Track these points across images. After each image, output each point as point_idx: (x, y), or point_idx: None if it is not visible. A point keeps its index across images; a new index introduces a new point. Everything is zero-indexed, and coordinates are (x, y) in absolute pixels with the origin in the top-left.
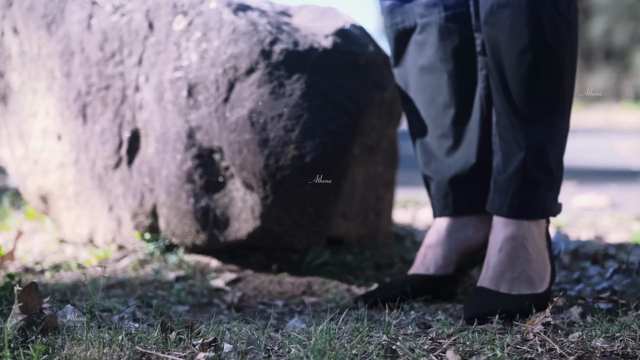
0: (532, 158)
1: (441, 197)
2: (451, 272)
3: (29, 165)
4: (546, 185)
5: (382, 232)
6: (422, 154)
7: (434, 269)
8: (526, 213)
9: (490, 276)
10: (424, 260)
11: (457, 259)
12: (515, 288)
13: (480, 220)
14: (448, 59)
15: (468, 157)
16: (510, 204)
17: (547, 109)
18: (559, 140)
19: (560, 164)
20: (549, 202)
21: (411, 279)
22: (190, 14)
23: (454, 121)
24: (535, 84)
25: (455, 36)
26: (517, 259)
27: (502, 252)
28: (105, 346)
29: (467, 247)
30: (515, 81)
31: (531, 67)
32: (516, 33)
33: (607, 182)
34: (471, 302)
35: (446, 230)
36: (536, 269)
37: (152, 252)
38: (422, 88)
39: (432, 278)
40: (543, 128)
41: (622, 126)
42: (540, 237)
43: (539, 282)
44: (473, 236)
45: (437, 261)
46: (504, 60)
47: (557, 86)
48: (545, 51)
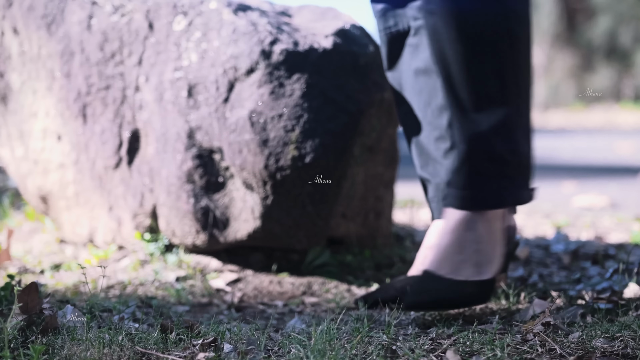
0: (475, 149)
1: (439, 200)
2: None
3: (29, 165)
4: (498, 175)
5: (382, 232)
6: (419, 156)
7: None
8: (476, 205)
9: (437, 258)
10: (424, 261)
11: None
12: (461, 272)
13: None
14: None
15: None
16: (460, 196)
17: (488, 98)
18: (511, 128)
19: (517, 152)
20: (504, 192)
21: (411, 280)
22: (190, 14)
23: (450, 123)
24: (472, 72)
25: None
26: (468, 241)
27: (453, 234)
28: (105, 346)
29: None
30: (455, 70)
31: (466, 55)
32: (451, 21)
33: (607, 182)
34: (414, 287)
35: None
36: (485, 253)
37: (152, 252)
38: (418, 91)
39: None
40: (486, 118)
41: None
42: (493, 223)
43: (486, 267)
44: None
45: None
46: (445, 50)
47: (497, 74)
48: (476, 38)
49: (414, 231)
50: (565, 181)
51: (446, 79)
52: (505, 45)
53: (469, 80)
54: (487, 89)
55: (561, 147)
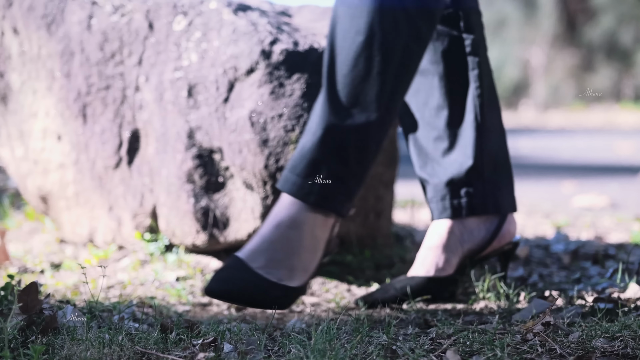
0: (326, 141)
1: (439, 200)
2: (451, 273)
3: (29, 165)
4: (337, 176)
5: (382, 232)
6: (418, 156)
7: (435, 271)
8: (304, 194)
9: (253, 247)
10: (424, 261)
11: (457, 260)
12: (273, 272)
13: (480, 222)
14: (438, 61)
15: (464, 159)
16: (293, 181)
17: (360, 99)
18: (367, 137)
19: (362, 161)
20: (333, 195)
21: (411, 281)
22: (190, 14)
23: (448, 123)
24: (357, 68)
25: (445, 38)
26: (288, 242)
27: (278, 229)
28: (105, 346)
29: (468, 249)
30: (341, 60)
31: (359, 49)
32: (357, 13)
33: (607, 182)
34: (219, 273)
35: (446, 233)
36: (304, 259)
37: (152, 252)
38: (415, 91)
39: (432, 280)
40: (351, 116)
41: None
42: (320, 229)
43: (299, 274)
44: (472, 238)
45: (438, 263)
46: (337, 38)
47: (376, 78)
48: (375, 38)
49: (414, 231)
50: (565, 181)
51: (329, 65)
52: (399, 57)
53: (352, 74)
54: (365, 91)
55: (561, 147)
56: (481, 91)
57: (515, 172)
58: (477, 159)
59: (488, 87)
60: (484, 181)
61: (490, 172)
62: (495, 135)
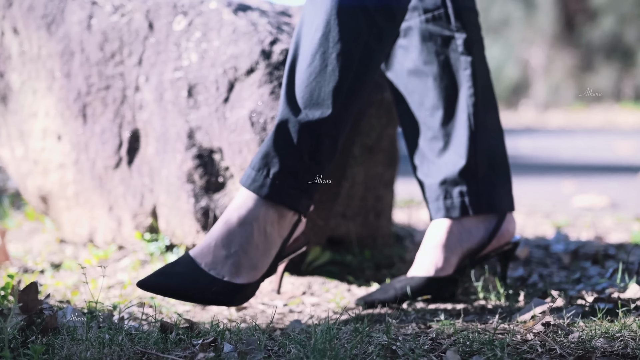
0: (279, 133)
1: (433, 200)
2: (450, 273)
3: (29, 165)
4: (289, 170)
5: (382, 232)
6: (415, 156)
7: (434, 271)
8: (253, 185)
9: (203, 245)
10: (423, 261)
11: (457, 260)
12: (218, 268)
13: (479, 221)
14: (432, 61)
15: (457, 159)
16: (246, 174)
17: (316, 94)
18: (321, 133)
19: (316, 158)
20: (286, 189)
21: (411, 281)
22: (190, 14)
23: (442, 123)
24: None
25: (437, 38)
26: (237, 238)
27: (225, 225)
28: (105, 346)
29: (467, 249)
30: (302, 56)
31: (317, 45)
32: (318, 12)
33: (607, 182)
34: (163, 268)
35: (445, 232)
36: (252, 255)
37: (152, 252)
38: (411, 91)
39: (432, 280)
40: (305, 111)
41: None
42: (274, 226)
43: (246, 270)
44: (471, 238)
45: (437, 263)
46: (302, 37)
47: (334, 75)
48: (332, 36)
49: (414, 231)
50: (565, 181)
51: (292, 62)
52: (357, 54)
53: (310, 69)
54: (320, 86)
55: (561, 147)
56: (474, 91)
57: (515, 172)
58: (470, 159)
59: (483, 87)
60: (478, 181)
61: (486, 172)
62: (491, 134)
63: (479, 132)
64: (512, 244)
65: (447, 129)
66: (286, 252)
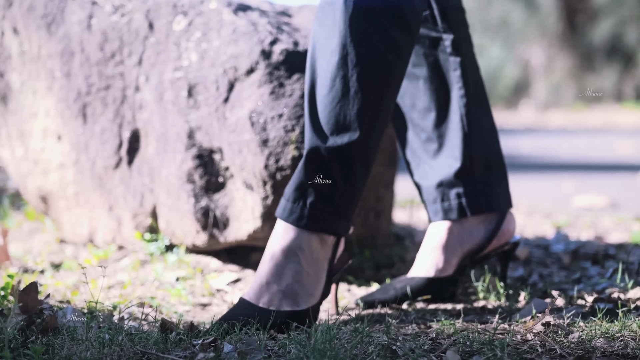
0: (311, 163)
1: (431, 203)
2: (451, 273)
3: (29, 165)
4: (325, 197)
5: (382, 232)
6: (411, 158)
7: (434, 272)
8: (292, 217)
9: (255, 286)
10: (423, 262)
11: (457, 261)
12: (275, 303)
13: (479, 221)
14: (421, 63)
15: (452, 161)
16: (283, 206)
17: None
18: (352, 155)
19: (350, 180)
20: (325, 216)
21: (411, 281)
22: (190, 14)
23: (435, 124)
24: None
25: (424, 40)
26: (287, 271)
27: (272, 261)
28: (105, 346)
29: (467, 249)
30: (320, 82)
31: (334, 69)
32: (332, 33)
33: (607, 182)
34: (225, 316)
35: (445, 233)
36: (305, 284)
37: (152, 252)
38: (402, 94)
39: (432, 280)
40: (333, 137)
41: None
42: (319, 250)
43: (304, 298)
44: (471, 238)
45: (437, 264)
46: (317, 60)
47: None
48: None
49: (414, 231)
50: (565, 181)
51: (311, 88)
52: (377, 72)
53: (332, 95)
54: (345, 110)
55: (561, 147)
56: (465, 91)
57: (515, 171)
58: (466, 160)
59: (474, 86)
60: (475, 181)
61: (482, 172)
62: (486, 133)
63: (473, 132)
64: (511, 244)
65: (440, 131)
66: (334, 271)
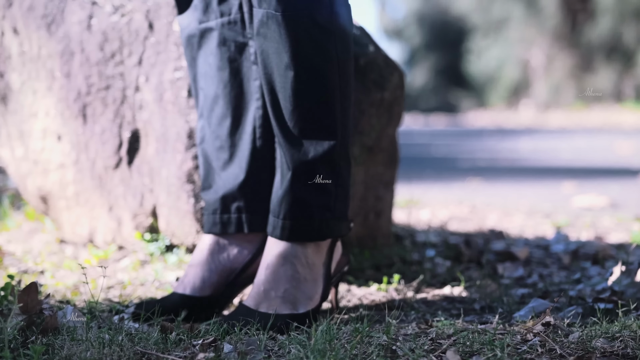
0: (300, 178)
1: (210, 213)
2: (208, 294)
3: (29, 166)
4: (322, 206)
5: (382, 232)
6: (203, 165)
7: (191, 290)
8: (298, 235)
9: (253, 294)
10: (184, 279)
11: (217, 280)
12: (274, 308)
13: (247, 240)
14: (224, 67)
15: (238, 173)
16: (282, 226)
17: (316, 127)
18: (335, 159)
19: (340, 183)
20: (327, 223)
21: (169, 298)
22: None
23: (230, 133)
24: (300, 101)
25: (231, 44)
26: (283, 278)
27: (268, 269)
28: (105, 346)
29: (229, 269)
30: (282, 98)
31: (294, 84)
32: (281, 47)
33: (607, 182)
34: (226, 317)
35: (208, 250)
36: (303, 288)
37: (152, 252)
38: (204, 96)
39: (188, 298)
40: (313, 147)
41: (622, 126)
42: (315, 255)
43: (303, 302)
44: (235, 257)
45: (195, 282)
46: (273, 76)
47: (324, 103)
48: (305, 66)
49: (414, 231)
50: (565, 181)
51: (273, 106)
52: (334, 75)
53: (299, 109)
54: (314, 119)
55: (561, 147)
56: (262, 102)
57: (515, 172)
58: (251, 173)
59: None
60: (258, 198)
61: (269, 188)
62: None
63: (266, 146)
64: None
65: (233, 140)
66: (333, 274)
